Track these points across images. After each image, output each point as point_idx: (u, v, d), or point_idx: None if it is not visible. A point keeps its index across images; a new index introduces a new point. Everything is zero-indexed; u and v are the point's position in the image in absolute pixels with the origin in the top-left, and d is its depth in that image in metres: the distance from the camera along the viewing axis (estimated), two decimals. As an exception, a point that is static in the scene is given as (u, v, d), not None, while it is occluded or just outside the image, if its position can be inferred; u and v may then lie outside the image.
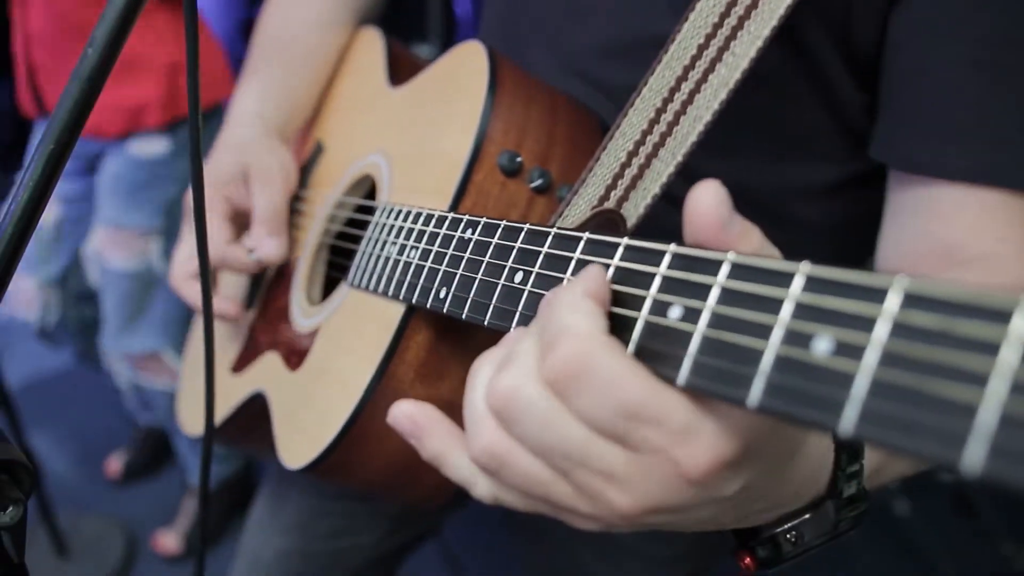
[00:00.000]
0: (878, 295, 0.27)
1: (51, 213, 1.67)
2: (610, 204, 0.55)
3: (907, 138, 0.56)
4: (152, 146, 1.53)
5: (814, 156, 0.65)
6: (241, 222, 0.75)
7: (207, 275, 0.54)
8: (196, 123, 0.49)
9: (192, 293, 0.75)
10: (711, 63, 0.55)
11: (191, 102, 0.48)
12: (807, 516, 0.42)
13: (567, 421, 0.34)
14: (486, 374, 0.38)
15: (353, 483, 0.61)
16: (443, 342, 0.57)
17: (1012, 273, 0.53)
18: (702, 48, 0.55)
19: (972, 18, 0.52)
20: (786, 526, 0.42)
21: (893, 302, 0.27)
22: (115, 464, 2.05)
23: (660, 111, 0.55)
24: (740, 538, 0.44)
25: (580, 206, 0.55)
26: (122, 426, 2.09)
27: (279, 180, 0.74)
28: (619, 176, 0.55)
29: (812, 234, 0.67)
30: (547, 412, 0.34)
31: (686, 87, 0.55)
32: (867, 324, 0.27)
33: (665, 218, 0.65)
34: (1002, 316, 0.24)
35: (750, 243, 0.34)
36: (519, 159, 0.57)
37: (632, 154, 0.55)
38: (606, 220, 0.55)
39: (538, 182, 0.58)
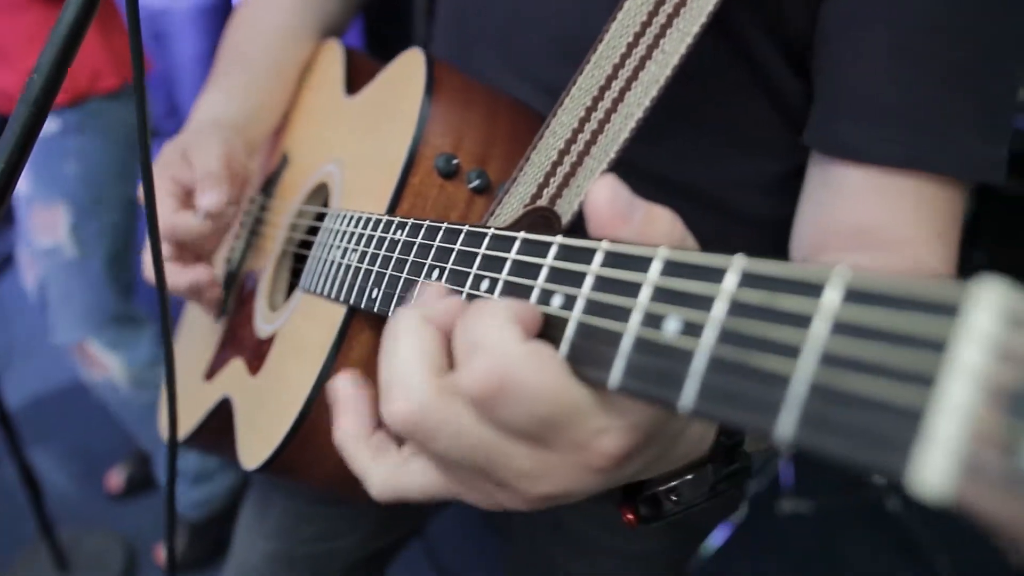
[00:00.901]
0: (718, 275, 0.28)
1: (24, 184, 1.66)
2: (543, 202, 0.57)
3: (833, 123, 0.57)
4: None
5: (757, 149, 0.66)
6: (191, 199, 0.75)
7: (163, 282, 0.56)
8: (143, 125, 0.51)
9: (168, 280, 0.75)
10: (641, 61, 0.56)
11: (139, 104, 0.50)
12: (688, 477, 0.43)
13: (480, 430, 0.34)
14: (417, 335, 0.37)
15: (309, 481, 0.63)
16: (387, 342, 0.58)
17: (925, 258, 0.54)
18: (631, 46, 0.56)
19: (895, 4, 0.53)
20: (668, 485, 0.43)
21: (731, 281, 0.28)
22: (115, 479, 2.07)
23: (591, 109, 0.57)
24: (624, 492, 0.45)
25: (512, 204, 0.56)
26: (122, 441, 2.11)
27: (215, 146, 0.73)
28: (551, 174, 0.57)
29: (758, 227, 0.68)
30: (461, 425, 0.34)
31: (616, 85, 0.57)
32: (708, 303, 0.28)
33: None
34: (816, 289, 0.25)
35: (658, 228, 0.34)
36: (455, 161, 0.59)
37: (564, 152, 0.57)
38: (539, 218, 0.56)
39: (476, 183, 0.59)
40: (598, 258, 0.34)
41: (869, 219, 0.55)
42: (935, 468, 0.21)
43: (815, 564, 1.85)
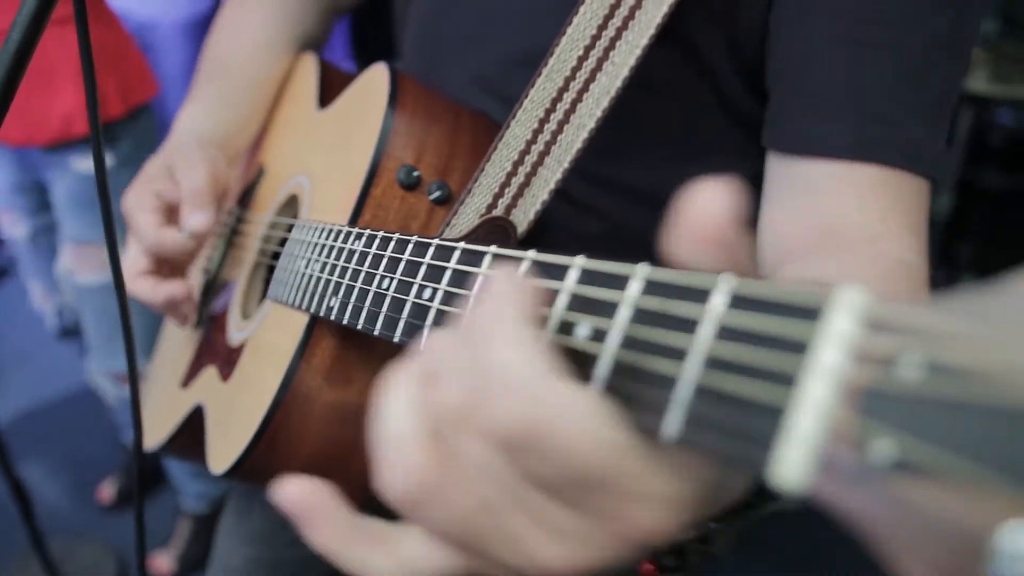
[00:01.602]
0: (622, 282, 0.30)
1: (21, 228, 1.71)
2: (498, 211, 0.58)
3: (787, 119, 0.57)
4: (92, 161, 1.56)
5: (715, 156, 0.68)
6: (173, 215, 0.76)
7: (123, 290, 0.58)
8: (96, 129, 0.53)
9: (141, 290, 0.76)
10: (591, 73, 0.58)
11: (91, 112, 0.52)
12: (717, 527, 0.40)
13: (508, 475, 0.29)
14: (409, 392, 0.32)
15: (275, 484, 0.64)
16: (350, 347, 0.60)
17: (894, 252, 0.54)
18: (581, 59, 0.58)
19: None
20: (699, 535, 0.40)
21: (634, 288, 0.29)
22: (107, 490, 2.08)
23: (543, 121, 0.58)
24: None
25: (468, 215, 0.58)
26: (114, 453, 2.13)
27: (201, 165, 0.74)
28: (506, 184, 0.58)
29: None
30: (486, 466, 0.29)
31: (568, 97, 0.58)
32: (612, 310, 0.30)
33: (575, 220, 0.68)
34: (703, 295, 0.27)
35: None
36: (416, 173, 0.61)
37: (517, 163, 0.58)
38: (495, 227, 0.58)
39: (437, 194, 0.61)
40: (524, 264, 0.35)
41: (834, 215, 0.54)
42: (793, 462, 0.22)
43: (799, 561, 1.86)
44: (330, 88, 0.81)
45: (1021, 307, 0.20)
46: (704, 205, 0.27)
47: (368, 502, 0.61)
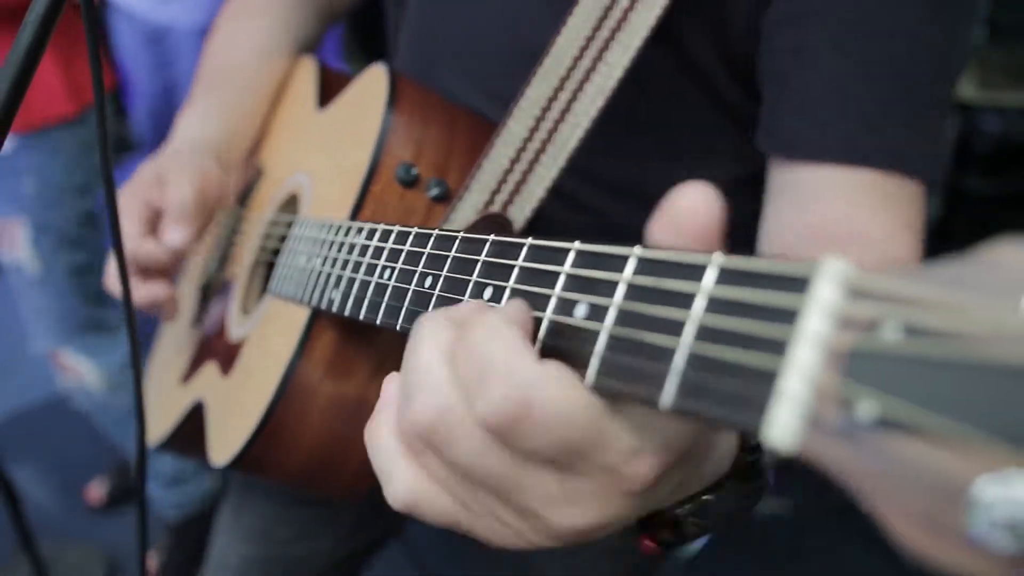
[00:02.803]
0: (618, 262, 0.31)
1: None
2: (495, 208, 0.60)
3: (782, 124, 0.59)
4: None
5: (709, 155, 0.69)
6: (155, 220, 0.76)
7: (129, 299, 0.59)
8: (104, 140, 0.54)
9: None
10: (586, 73, 0.59)
11: (99, 122, 0.53)
12: (711, 496, 0.40)
13: (502, 453, 0.31)
14: (440, 332, 0.34)
15: (279, 477, 0.66)
16: (350, 341, 0.61)
17: (888, 252, 0.55)
18: (577, 59, 0.60)
19: (830, 4, 0.55)
20: (691, 507, 0.40)
21: (630, 268, 0.31)
22: (96, 491, 2.08)
23: (539, 119, 0.60)
24: (641, 521, 0.42)
25: (465, 211, 0.59)
26: (103, 454, 2.12)
27: (189, 176, 0.74)
28: (503, 182, 0.60)
29: None
30: (482, 442, 0.31)
31: (563, 96, 0.60)
32: (609, 288, 0.31)
33: (571, 217, 0.70)
34: (695, 270, 0.28)
35: None
36: (415, 171, 0.62)
37: (514, 160, 0.60)
38: (492, 223, 0.59)
39: (435, 191, 0.62)
40: (524, 254, 0.37)
41: (828, 219, 0.55)
42: (784, 423, 0.24)
43: (794, 565, 1.87)
44: (328, 89, 0.83)
45: (991, 274, 0.22)
46: (690, 203, 0.30)
47: (370, 494, 0.62)
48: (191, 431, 0.80)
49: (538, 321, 0.34)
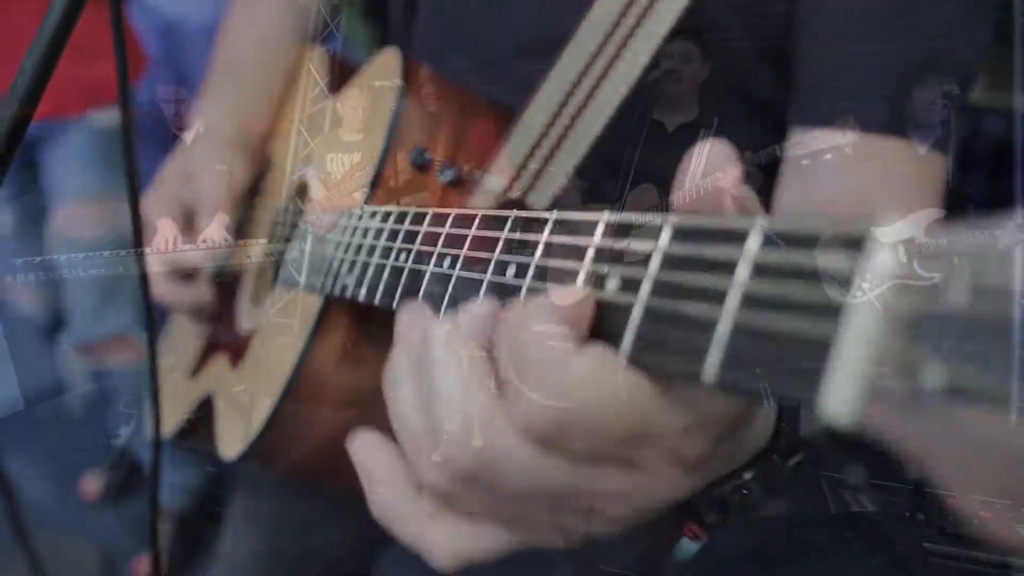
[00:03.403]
0: (654, 232, 0.29)
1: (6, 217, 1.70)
2: (516, 195, 0.58)
3: (815, 97, 0.58)
4: (113, 117, 1.55)
5: (735, 142, 0.68)
6: (191, 221, 0.77)
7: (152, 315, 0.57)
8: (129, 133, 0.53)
9: (166, 292, 0.75)
10: (610, 60, 0.58)
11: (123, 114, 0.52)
12: (753, 473, 0.40)
13: (555, 465, 0.30)
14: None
15: (287, 469, 0.64)
16: (362, 330, 0.60)
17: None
18: (601, 46, 0.58)
19: None
20: (735, 483, 0.40)
21: (664, 237, 0.29)
22: (92, 485, 2.07)
23: (562, 105, 0.58)
24: (680, 507, 0.40)
25: (483, 198, 0.57)
26: (99, 449, 2.12)
27: (218, 170, 0.75)
28: (523, 168, 0.58)
29: None
30: (528, 462, 0.30)
31: (587, 83, 0.58)
32: (643, 259, 0.29)
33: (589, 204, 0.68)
34: (735, 235, 0.26)
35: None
36: (428, 154, 0.60)
37: (535, 147, 0.58)
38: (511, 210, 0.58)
39: (449, 175, 0.61)
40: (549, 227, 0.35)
41: (853, 191, 0.55)
42: (843, 394, 0.22)
43: (789, 567, 1.85)
44: (339, 76, 0.81)
45: None
46: (712, 159, 0.31)
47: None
48: (201, 424, 0.79)
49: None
